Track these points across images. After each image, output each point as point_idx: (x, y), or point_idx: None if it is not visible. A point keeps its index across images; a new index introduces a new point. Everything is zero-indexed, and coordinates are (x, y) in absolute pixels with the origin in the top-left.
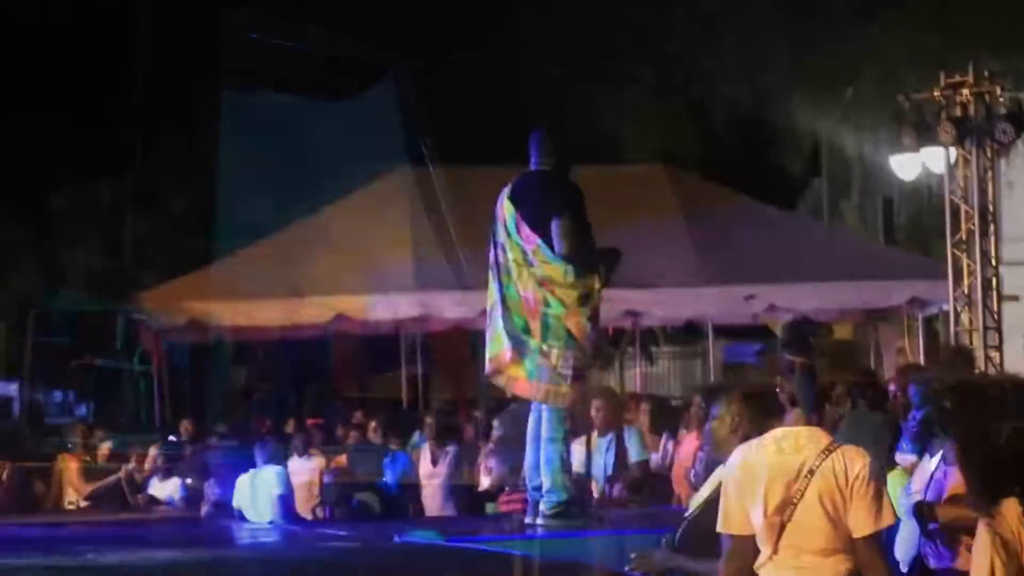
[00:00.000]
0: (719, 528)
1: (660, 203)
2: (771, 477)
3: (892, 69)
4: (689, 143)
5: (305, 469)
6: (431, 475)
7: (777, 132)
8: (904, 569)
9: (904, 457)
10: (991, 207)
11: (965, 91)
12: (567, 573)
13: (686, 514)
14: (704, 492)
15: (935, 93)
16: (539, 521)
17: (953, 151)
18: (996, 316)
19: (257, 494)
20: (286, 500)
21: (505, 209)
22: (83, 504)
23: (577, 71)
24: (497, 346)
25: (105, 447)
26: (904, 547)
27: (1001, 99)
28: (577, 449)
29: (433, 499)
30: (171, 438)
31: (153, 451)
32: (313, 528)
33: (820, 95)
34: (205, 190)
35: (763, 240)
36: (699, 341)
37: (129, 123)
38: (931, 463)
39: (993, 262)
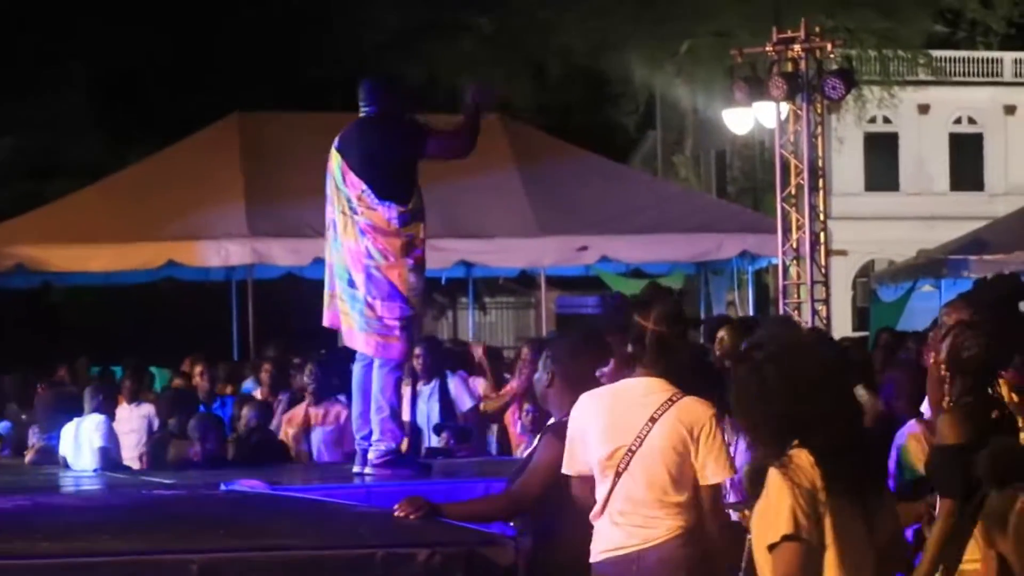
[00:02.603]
0: (564, 470)
1: (495, 154)
2: (612, 424)
3: (726, 24)
4: (525, 94)
5: (135, 416)
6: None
7: (613, 85)
8: None
9: None
10: (821, 162)
11: (797, 47)
12: (386, 521)
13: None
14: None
15: (767, 49)
16: (367, 470)
17: (784, 106)
18: (824, 270)
19: (80, 443)
20: (107, 452)
21: (333, 160)
22: None
23: (414, 19)
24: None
25: None
26: None
27: (832, 55)
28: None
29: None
30: None
31: None
32: (139, 476)
33: (656, 49)
34: (35, 132)
35: (596, 192)
36: (532, 291)
37: None
38: None
39: (821, 217)
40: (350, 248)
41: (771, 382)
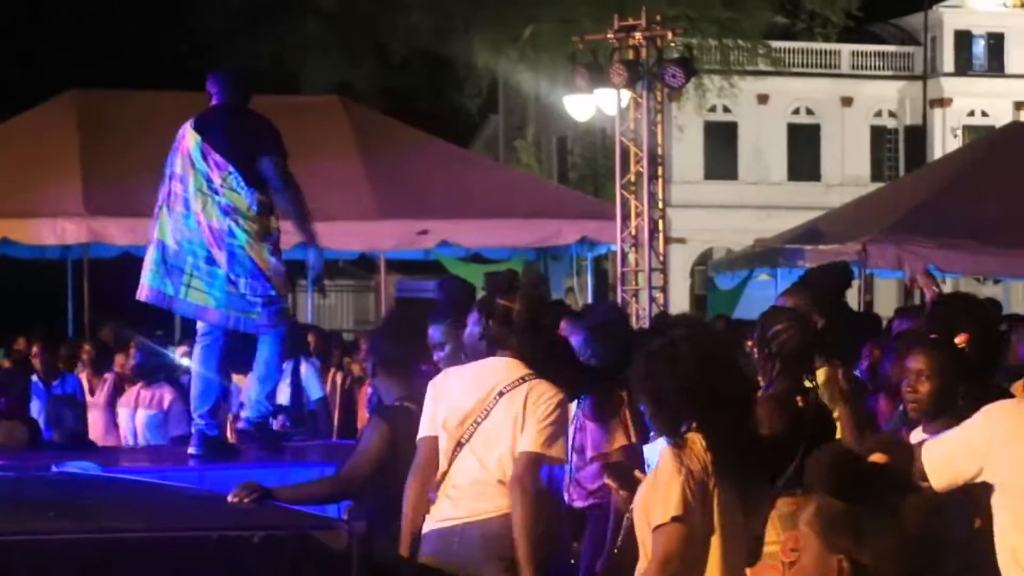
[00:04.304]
0: (420, 434)
1: (335, 136)
2: (465, 396)
3: (569, 11)
4: (368, 76)
5: None
6: (91, 404)
7: (456, 69)
8: None
9: None
10: (660, 150)
11: (638, 34)
12: (220, 504)
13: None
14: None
15: (609, 36)
16: (203, 452)
17: (625, 94)
18: (662, 258)
19: None
20: None
21: (189, 138)
22: None
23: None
24: (157, 279)
25: None
26: None
27: (672, 44)
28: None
29: (95, 428)
30: None
31: None
32: None
33: (499, 34)
34: None
35: (437, 176)
36: (372, 275)
37: None
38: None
39: (660, 204)
40: (211, 226)
41: (684, 359)
